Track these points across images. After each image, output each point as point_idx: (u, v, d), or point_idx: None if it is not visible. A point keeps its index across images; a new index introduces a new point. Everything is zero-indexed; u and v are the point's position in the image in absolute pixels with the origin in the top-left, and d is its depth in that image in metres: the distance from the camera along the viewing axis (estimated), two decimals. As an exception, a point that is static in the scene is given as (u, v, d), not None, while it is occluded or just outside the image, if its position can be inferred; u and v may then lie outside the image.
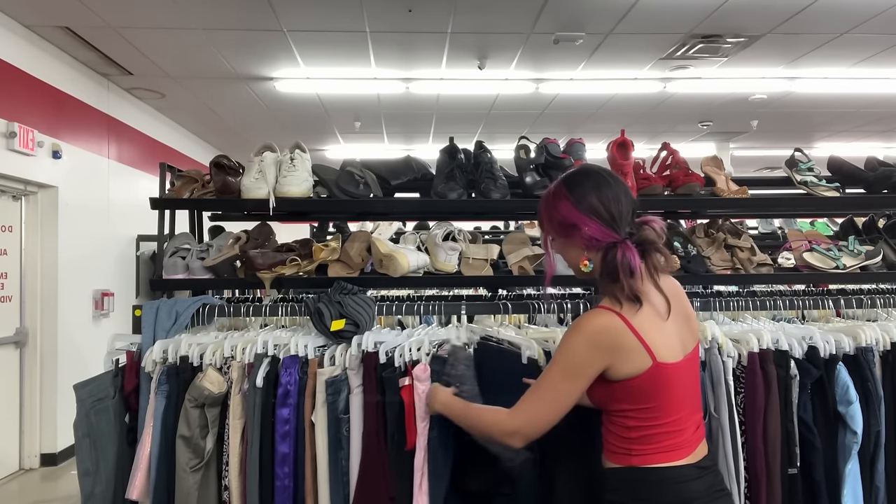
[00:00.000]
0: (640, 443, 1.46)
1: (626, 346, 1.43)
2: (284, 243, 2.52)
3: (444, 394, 1.72)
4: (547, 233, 1.59)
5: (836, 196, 2.66)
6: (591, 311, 1.48)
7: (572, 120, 7.76)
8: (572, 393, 1.45)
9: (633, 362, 1.43)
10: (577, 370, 1.44)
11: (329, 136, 8.69)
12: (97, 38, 5.17)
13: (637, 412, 1.46)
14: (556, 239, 1.58)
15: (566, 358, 1.45)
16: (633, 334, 1.43)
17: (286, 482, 1.90)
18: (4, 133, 4.68)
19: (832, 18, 4.88)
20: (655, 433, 1.46)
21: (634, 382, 1.44)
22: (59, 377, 5.20)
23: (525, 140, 2.70)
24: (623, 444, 1.48)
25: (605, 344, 1.43)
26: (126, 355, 2.07)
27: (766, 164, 10.62)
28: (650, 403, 1.45)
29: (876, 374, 2.03)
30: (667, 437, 1.46)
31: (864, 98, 6.97)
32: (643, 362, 1.43)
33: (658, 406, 1.46)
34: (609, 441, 1.52)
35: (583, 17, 4.82)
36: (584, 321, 1.46)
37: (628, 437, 1.47)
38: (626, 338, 1.43)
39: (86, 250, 5.68)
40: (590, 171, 1.57)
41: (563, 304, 2.32)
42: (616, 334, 1.43)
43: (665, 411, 1.46)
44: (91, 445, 1.99)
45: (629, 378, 1.44)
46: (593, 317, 1.46)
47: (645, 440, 1.46)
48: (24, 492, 4.74)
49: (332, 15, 4.74)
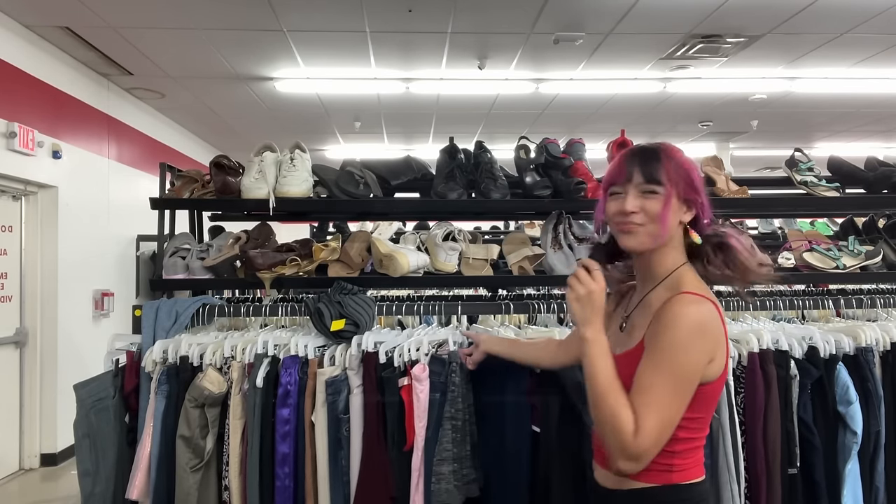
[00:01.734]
0: (683, 457, 1.31)
1: (722, 343, 1.30)
2: (284, 243, 2.52)
3: (598, 322, 1.34)
4: (671, 184, 1.34)
5: (836, 196, 2.66)
6: (686, 300, 1.28)
7: (572, 120, 7.76)
8: (683, 407, 1.27)
9: (718, 363, 1.30)
10: (692, 376, 1.26)
11: (329, 136, 8.68)
12: (97, 38, 5.17)
13: (691, 422, 1.30)
14: (674, 198, 1.35)
15: (678, 361, 1.24)
16: (724, 330, 1.31)
17: (286, 482, 1.90)
18: (4, 133, 4.68)
19: (832, 18, 4.88)
20: (696, 446, 1.34)
21: (710, 387, 1.30)
22: (59, 377, 5.20)
23: (525, 140, 2.70)
24: (665, 460, 1.29)
25: (712, 340, 1.27)
26: (126, 355, 2.07)
27: (766, 164, 10.61)
28: (707, 412, 1.34)
29: (876, 374, 2.03)
30: (700, 449, 1.36)
31: (864, 98, 6.96)
32: (722, 363, 1.31)
33: (710, 415, 1.35)
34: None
35: (583, 17, 4.82)
36: (688, 311, 1.26)
37: (673, 451, 1.29)
38: (722, 334, 1.30)
39: (86, 250, 5.68)
40: None
41: (563, 304, 2.32)
42: (719, 329, 1.29)
43: (708, 421, 1.36)
44: (91, 445, 1.99)
45: (708, 382, 1.30)
46: (696, 306, 1.27)
47: (687, 454, 1.32)
48: (24, 492, 4.74)
49: (332, 15, 4.74)
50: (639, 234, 1.35)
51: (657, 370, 1.24)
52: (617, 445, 1.24)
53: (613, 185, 1.39)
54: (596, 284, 1.34)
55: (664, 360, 1.25)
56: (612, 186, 1.40)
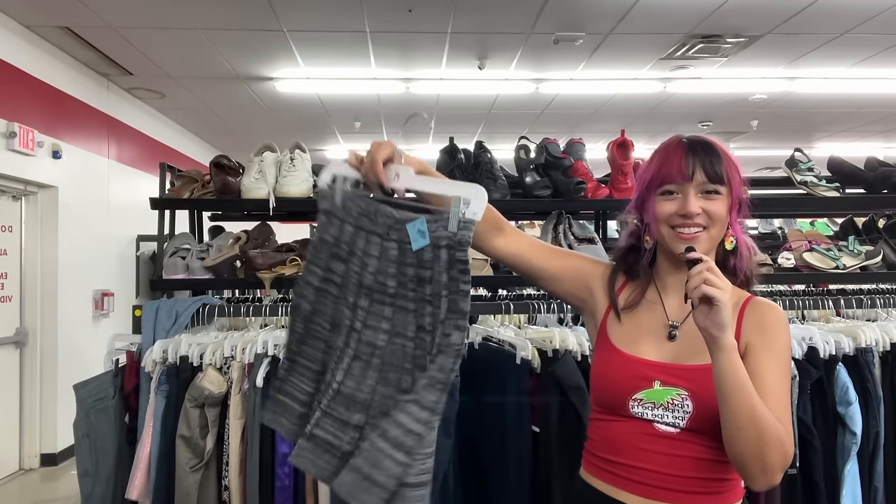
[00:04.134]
0: (735, 471, 1.17)
1: None
2: (284, 243, 2.52)
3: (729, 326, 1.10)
4: (732, 183, 1.26)
5: (836, 196, 2.66)
6: (772, 304, 1.26)
7: (572, 120, 7.76)
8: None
9: None
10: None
11: (329, 136, 8.68)
12: (97, 38, 5.17)
13: None
14: (726, 194, 1.25)
15: (788, 365, 1.22)
16: None
17: (286, 482, 1.90)
18: (4, 133, 4.68)
19: (832, 18, 4.87)
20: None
21: None
22: (59, 377, 5.20)
23: (525, 140, 2.70)
24: (730, 475, 1.20)
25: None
26: (126, 355, 2.07)
27: (766, 164, 10.61)
28: None
29: (875, 374, 2.03)
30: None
31: (864, 98, 6.96)
32: None
33: None
34: (701, 477, 1.19)
35: (583, 17, 4.82)
36: (784, 315, 1.25)
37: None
38: None
39: (86, 250, 5.68)
40: None
41: (563, 304, 2.32)
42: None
43: None
44: (91, 445, 1.99)
45: None
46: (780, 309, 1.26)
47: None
48: (24, 492, 4.74)
49: (332, 15, 4.74)
50: (701, 239, 1.22)
51: (782, 375, 1.18)
52: (780, 457, 1.09)
53: (668, 184, 1.24)
54: (728, 284, 1.10)
55: (783, 364, 1.19)
56: (666, 185, 1.24)
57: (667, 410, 1.18)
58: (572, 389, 1.83)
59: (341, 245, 1.26)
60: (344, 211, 1.26)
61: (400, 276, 1.20)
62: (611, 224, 3.11)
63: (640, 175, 1.31)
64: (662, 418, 1.19)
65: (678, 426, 1.18)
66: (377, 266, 1.22)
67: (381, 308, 1.21)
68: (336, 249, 1.26)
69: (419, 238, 1.19)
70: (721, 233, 1.25)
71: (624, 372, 1.23)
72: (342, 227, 1.26)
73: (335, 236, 1.27)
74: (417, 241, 1.19)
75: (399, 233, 1.21)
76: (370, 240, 1.23)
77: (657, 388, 1.20)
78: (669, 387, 1.19)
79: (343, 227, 1.26)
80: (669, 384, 1.19)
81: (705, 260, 1.10)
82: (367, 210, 1.25)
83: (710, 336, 1.08)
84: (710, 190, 1.23)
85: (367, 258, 1.23)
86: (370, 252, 1.23)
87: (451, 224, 1.17)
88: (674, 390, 1.19)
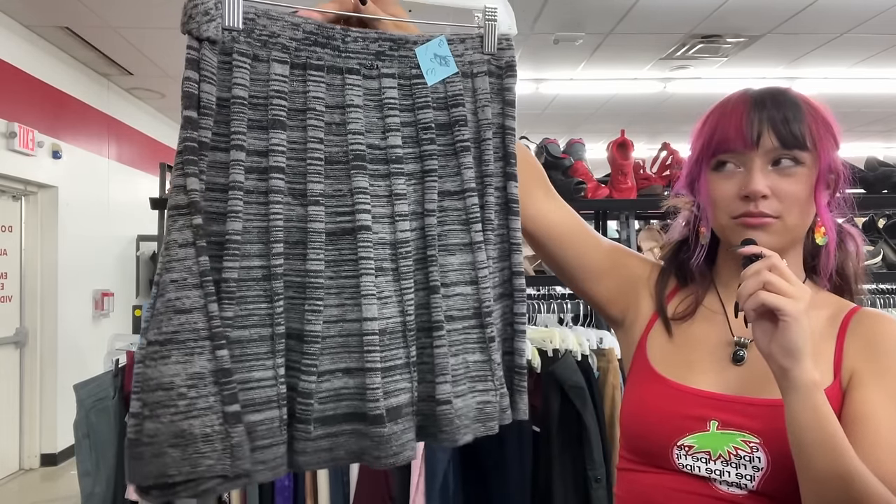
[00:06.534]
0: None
1: None
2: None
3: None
4: (820, 153, 0.89)
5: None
6: (884, 314, 0.91)
7: (572, 120, 7.77)
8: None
9: None
10: None
11: (329, 136, 8.69)
12: (97, 38, 5.17)
13: None
14: (811, 165, 0.88)
15: None
16: None
17: (286, 482, 1.90)
18: (4, 133, 4.68)
19: (832, 18, 4.88)
20: None
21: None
22: (59, 377, 5.20)
23: (525, 140, 2.70)
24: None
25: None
26: (126, 355, 2.07)
27: (766, 164, 10.63)
28: None
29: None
30: None
31: (864, 98, 6.96)
32: None
33: None
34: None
35: (583, 17, 4.82)
36: None
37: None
38: None
39: (86, 250, 5.68)
40: None
41: (563, 304, 2.32)
42: None
43: None
44: (91, 446, 1.99)
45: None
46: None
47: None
48: (24, 492, 4.74)
49: (332, 15, 4.75)
50: (773, 229, 0.86)
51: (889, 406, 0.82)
52: None
53: (724, 153, 0.89)
54: (804, 290, 0.76)
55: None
56: (722, 154, 0.89)
57: (728, 464, 0.83)
58: (572, 389, 1.83)
59: (273, 102, 0.75)
60: (256, 41, 0.75)
61: (409, 128, 0.82)
62: (611, 224, 3.11)
63: (693, 142, 0.96)
64: (723, 475, 0.83)
65: (746, 487, 0.82)
66: (365, 121, 0.80)
67: (389, 184, 0.80)
68: (261, 113, 0.75)
69: (437, 67, 0.84)
70: (804, 220, 0.88)
71: (666, 408, 0.88)
72: (258, 69, 0.75)
73: (248, 88, 0.74)
74: (436, 72, 0.83)
75: (398, 63, 0.83)
76: (342, 81, 0.79)
77: (713, 432, 0.84)
78: (732, 430, 0.84)
79: (265, 70, 0.76)
80: (732, 426, 0.84)
81: (767, 255, 0.77)
82: (318, 35, 0.78)
83: (779, 367, 0.74)
84: (785, 159, 0.87)
85: (348, 111, 0.79)
86: (350, 101, 0.79)
87: (486, 42, 0.85)
88: (738, 435, 0.83)
